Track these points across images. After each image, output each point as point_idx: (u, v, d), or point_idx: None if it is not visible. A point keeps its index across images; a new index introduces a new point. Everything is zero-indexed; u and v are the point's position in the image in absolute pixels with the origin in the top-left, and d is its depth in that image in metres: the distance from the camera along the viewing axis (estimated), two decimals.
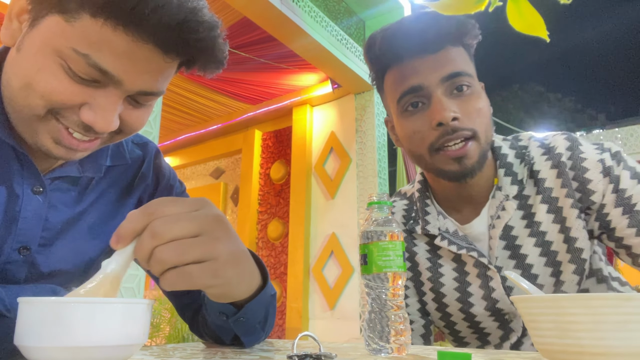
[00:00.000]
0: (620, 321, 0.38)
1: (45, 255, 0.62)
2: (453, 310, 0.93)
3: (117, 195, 0.72)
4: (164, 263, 0.43)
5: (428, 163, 0.86)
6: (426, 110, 0.84)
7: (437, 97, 0.82)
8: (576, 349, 0.40)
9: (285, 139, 4.77)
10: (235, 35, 3.60)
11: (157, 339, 3.32)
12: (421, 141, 0.85)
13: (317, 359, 0.47)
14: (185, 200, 0.46)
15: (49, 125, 0.55)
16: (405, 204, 1.03)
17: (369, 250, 0.58)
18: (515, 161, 0.89)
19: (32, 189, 0.60)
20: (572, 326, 0.40)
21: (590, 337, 0.39)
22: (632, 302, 0.38)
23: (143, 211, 0.44)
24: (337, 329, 3.78)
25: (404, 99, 0.85)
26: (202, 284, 0.46)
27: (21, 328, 0.39)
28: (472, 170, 0.83)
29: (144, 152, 0.78)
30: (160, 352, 0.57)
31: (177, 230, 0.43)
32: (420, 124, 0.84)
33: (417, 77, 0.83)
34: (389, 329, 0.55)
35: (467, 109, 0.82)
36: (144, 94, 0.58)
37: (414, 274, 0.97)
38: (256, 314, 0.61)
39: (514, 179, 0.87)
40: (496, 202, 0.87)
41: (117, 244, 0.43)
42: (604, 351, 0.38)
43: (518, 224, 0.86)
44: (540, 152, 0.89)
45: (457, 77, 0.83)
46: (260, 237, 4.69)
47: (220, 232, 0.47)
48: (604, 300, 0.39)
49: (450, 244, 0.89)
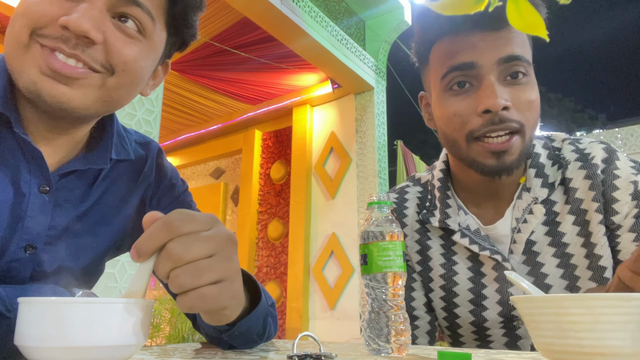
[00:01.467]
0: (620, 321, 0.38)
1: (51, 253, 0.62)
2: (462, 311, 0.87)
3: (121, 193, 0.73)
4: (182, 287, 0.43)
5: (462, 151, 0.79)
6: (473, 93, 0.76)
7: (489, 81, 0.75)
8: (576, 349, 0.40)
9: (285, 139, 4.77)
10: (235, 35, 3.60)
11: (157, 339, 3.32)
12: (461, 126, 0.77)
13: (317, 359, 0.47)
14: (200, 217, 0.46)
15: (33, 52, 0.54)
16: (419, 191, 0.96)
17: (369, 251, 0.58)
18: (548, 162, 0.83)
19: (39, 188, 0.60)
20: (572, 326, 0.40)
21: (590, 337, 0.39)
22: (631, 302, 0.38)
23: (162, 227, 0.43)
24: (337, 329, 3.78)
25: (450, 75, 0.78)
26: (221, 305, 0.45)
27: (21, 328, 0.39)
28: (511, 167, 0.77)
29: (147, 151, 0.77)
30: (160, 352, 0.57)
31: (194, 252, 0.43)
32: (464, 107, 0.77)
33: (472, 53, 0.76)
34: (389, 329, 0.55)
35: (520, 99, 0.75)
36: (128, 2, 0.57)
37: (423, 268, 0.91)
38: (253, 327, 0.60)
39: (544, 182, 0.81)
40: (523, 204, 0.81)
41: (138, 258, 0.43)
42: (603, 351, 0.38)
43: (539, 229, 0.81)
44: (574, 157, 0.83)
45: (515, 61, 0.75)
46: (260, 237, 4.69)
47: (231, 253, 0.47)
48: (603, 301, 0.39)
49: (472, 243, 0.83)
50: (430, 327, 0.90)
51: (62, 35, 0.54)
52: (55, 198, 0.62)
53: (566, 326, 0.40)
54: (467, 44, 0.76)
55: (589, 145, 0.84)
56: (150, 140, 0.80)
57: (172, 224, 0.43)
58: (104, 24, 0.56)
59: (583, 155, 0.82)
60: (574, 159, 0.82)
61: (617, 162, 0.80)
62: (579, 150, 0.83)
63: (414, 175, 1.02)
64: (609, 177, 0.79)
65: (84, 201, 0.67)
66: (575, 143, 0.85)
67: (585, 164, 0.81)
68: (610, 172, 0.79)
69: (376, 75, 4.06)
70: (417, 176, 1.00)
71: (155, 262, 0.44)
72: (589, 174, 0.80)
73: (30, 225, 0.59)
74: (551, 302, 0.42)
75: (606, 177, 0.79)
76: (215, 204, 5.07)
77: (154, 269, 0.44)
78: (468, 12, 0.28)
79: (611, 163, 0.80)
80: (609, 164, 0.80)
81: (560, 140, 0.87)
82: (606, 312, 0.38)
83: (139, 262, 0.43)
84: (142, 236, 0.43)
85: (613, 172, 0.79)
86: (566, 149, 0.85)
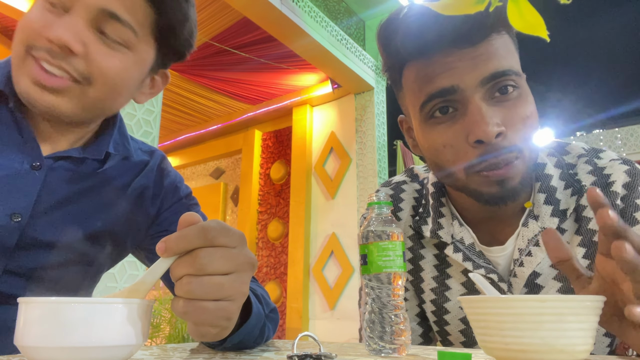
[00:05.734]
0: (537, 321, 0.41)
1: (36, 227, 0.65)
2: (453, 330, 0.81)
3: (117, 188, 0.75)
4: (190, 294, 0.43)
5: (460, 182, 0.70)
6: (460, 118, 0.67)
7: (476, 105, 0.65)
8: (501, 346, 0.43)
9: (285, 139, 4.77)
10: (235, 35, 3.60)
11: (157, 339, 3.32)
12: (454, 157, 0.68)
13: (317, 359, 0.47)
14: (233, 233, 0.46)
15: (27, 65, 0.60)
16: (416, 190, 0.88)
17: (368, 251, 0.57)
18: (560, 184, 0.73)
19: (32, 164, 0.65)
20: (497, 325, 0.43)
21: (512, 335, 0.42)
22: (546, 303, 0.41)
23: (199, 232, 0.43)
24: (337, 329, 3.78)
25: (430, 104, 0.68)
26: (212, 322, 0.45)
27: (21, 328, 0.39)
28: (514, 193, 0.67)
29: (151, 157, 0.82)
30: (160, 352, 0.57)
31: (217, 266, 0.43)
32: (452, 136, 0.67)
33: (450, 76, 0.66)
34: (389, 329, 0.55)
35: (513, 118, 0.65)
36: (110, 17, 0.61)
37: (415, 279, 0.84)
38: (247, 338, 0.60)
39: (555, 209, 0.71)
40: (529, 234, 0.72)
41: (164, 252, 0.43)
42: (523, 348, 0.42)
43: (545, 261, 0.71)
44: (590, 180, 0.72)
45: (501, 77, 0.65)
46: (260, 237, 4.69)
47: (247, 277, 0.47)
48: (523, 302, 0.43)
49: (466, 260, 0.75)
50: (422, 340, 0.87)
51: (48, 47, 0.59)
52: (47, 176, 0.66)
53: (492, 325, 0.44)
54: (443, 66, 0.66)
55: (609, 165, 0.72)
56: (155, 149, 0.85)
57: (209, 232, 0.43)
58: (85, 36, 0.60)
59: (601, 178, 0.71)
60: (590, 183, 0.71)
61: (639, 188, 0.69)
62: (597, 171, 0.72)
63: (412, 168, 0.92)
64: (629, 207, 0.69)
65: (76, 184, 0.70)
66: (593, 160, 0.74)
67: (603, 190, 0.70)
68: (632, 201, 0.69)
69: (376, 75, 4.06)
70: (415, 171, 0.92)
71: (176, 261, 0.44)
72: None
73: (17, 196, 0.63)
74: (482, 303, 0.46)
75: (626, 207, 0.69)
76: (215, 204, 5.07)
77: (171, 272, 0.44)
78: (469, 12, 0.28)
79: (634, 190, 0.69)
80: (631, 191, 0.69)
81: (575, 155, 0.76)
82: (526, 312, 0.42)
83: (164, 256, 0.43)
84: (175, 234, 0.43)
85: (635, 201, 0.69)
86: (582, 169, 0.73)
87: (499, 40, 0.67)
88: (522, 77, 0.69)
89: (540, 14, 0.28)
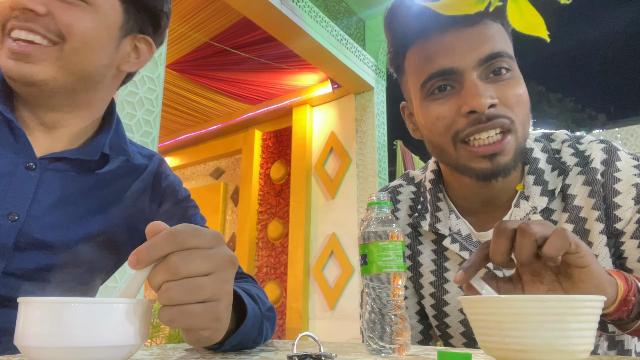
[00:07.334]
0: (537, 321, 0.41)
1: (34, 227, 0.65)
2: (453, 321, 0.83)
3: (116, 190, 0.75)
4: (171, 300, 0.42)
5: (451, 157, 0.74)
6: (456, 94, 0.72)
7: (471, 80, 0.70)
8: (501, 346, 0.43)
9: (285, 139, 4.77)
10: (235, 35, 3.60)
11: (157, 339, 3.32)
12: (445, 129, 0.73)
13: (317, 359, 0.47)
14: (205, 233, 0.45)
15: (4, 43, 0.63)
16: (412, 192, 0.91)
17: (368, 250, 0.57)
18: (547, 167, 0.78)
19: (26, 165, 0.66)
20: (497, 325, 0.44)
21: (512, 335, 0.42)
22: (547, 303, 0.41)
23: (167, 238, 0.43)
24: (337, 329, 3.79)
25: (430, 82, 0.74)
26: (201, 325, 0.44)
27: (21, 328, 0.39)
28: (506, 169, 0.71)
29: (149, 161, 0.83)
30: (160, 352, 0.57)
31: (192, 268, 0.43)
32: (447, 109, 0.72)
33: (449, 57, 0.71)
34: (389, 329, 0.55)
35: (506, 94, 0.70)
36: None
37: (414, 274, 0.87)
38: (245, 339, 0.60)
39: (544, 189, 0.76)
40: (520, 213, 0.76)
41: (137, 265, 0.42)
42: (523, 348, 0.42)
43: None
44: (573, 161, 0.77)
45: (496, 58, 0.71)
46: (260, 237, 4.69)
47: (228, 275, 0.46)
48: (523, 302, 0.43)
49: (462, 249, 0.79)
50: (422, 337, 0.88)
51: (14, 15, 0.62)
52: (43, 177, 0.67)
53: (492, 325, 0.44)
54: (443, 46, 0.72)
55: (588, 146, 0.78)
56: (155, 153, 0.86)
57: (177, 236, 0.43)
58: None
59: (582, 159, 0.77)
60: (573, 164, 0.77)
61: (617, 163, 0.74)
62: (578, 153, 0.78)
63: (408, 173, 0.97)
64: (609, 180, 0.73)
65: (72, 185, 0.70)
66: (575, 144, 0.80)
67: (584, 168, 0.75)
68: (611, 175, 0.73)
69: (376, 75, 4.06)
70: (411, 174, 0.96)
71: (152, 271, 0.43)
72: (588, 179, 0.74)
73: (13, 196, 0.64)
74: (482, 303, 0.46)
75: (606, 181, 0.73)
76: (215, 204, 5.07)
77: (149, 282, 0.43)
78: (469, 12, 0.28)
79: (611, 165, 0.74)
80: (608, 166, 0.74)
81: (560, 141, 0.82)
82: (525, 312, 0.42)
83: (137, 269, 0.43)
84: (144, 244, 0.42)
85: (613, 174, 0.73)
86: (566, 152, 0.79)
87: (494, 26, 0.73)
88: (514, 61, 0.74)
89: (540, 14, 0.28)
